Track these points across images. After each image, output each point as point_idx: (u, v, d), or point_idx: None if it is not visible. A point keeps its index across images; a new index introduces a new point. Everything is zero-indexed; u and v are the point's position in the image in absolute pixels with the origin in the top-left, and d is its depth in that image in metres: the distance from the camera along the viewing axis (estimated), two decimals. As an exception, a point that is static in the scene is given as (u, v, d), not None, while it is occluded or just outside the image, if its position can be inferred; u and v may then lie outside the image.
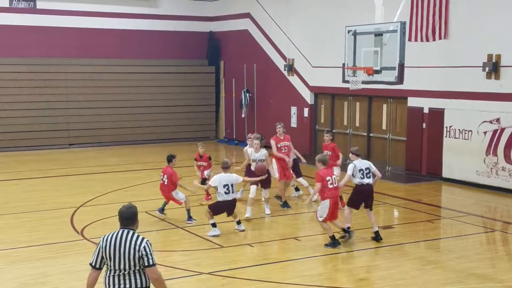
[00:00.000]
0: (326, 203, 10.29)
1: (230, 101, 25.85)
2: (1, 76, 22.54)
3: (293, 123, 22.04)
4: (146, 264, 5.72)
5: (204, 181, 13.84)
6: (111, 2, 24.27)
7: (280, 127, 13.87)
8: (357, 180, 10.82)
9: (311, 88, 21.38)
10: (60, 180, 17.20)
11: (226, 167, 11.33)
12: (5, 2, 22.66)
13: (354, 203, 11.06)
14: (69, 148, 23.63)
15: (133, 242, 5.71)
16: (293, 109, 22.13)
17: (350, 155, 11.12)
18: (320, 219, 10.38)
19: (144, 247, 5.71)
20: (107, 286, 5.80)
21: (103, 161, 20.77)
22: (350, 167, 10.84)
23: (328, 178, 10.29)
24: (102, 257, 5.79)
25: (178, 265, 9.59)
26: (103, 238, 5.83)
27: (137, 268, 5.74)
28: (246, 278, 9.06)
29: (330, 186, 10.29)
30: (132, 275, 5.75)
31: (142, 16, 25.00)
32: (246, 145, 14.05)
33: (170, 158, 12.63)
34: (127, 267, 5.72)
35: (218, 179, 11.18)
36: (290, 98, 22.23)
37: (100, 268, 5.86)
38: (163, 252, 9.99)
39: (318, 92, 21.29)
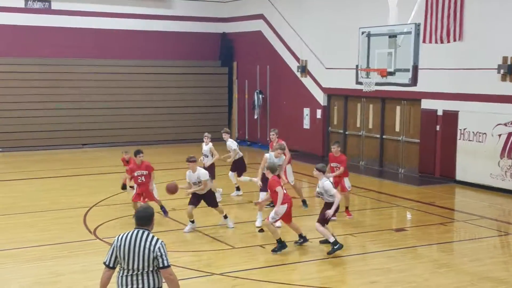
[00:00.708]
0: (284, 207, 10.25)
1: (243, 102, 25.86)
2: (14, 76, 22.70)
3: (306, 124, 21.99)
4: (161, 265, 5.70)
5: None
6: (125, 3, 24.39)
7: (273, 134, 13.59)
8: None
9: (324, 90, 21.33)
10: (73, 179, 17.28)
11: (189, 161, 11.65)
12: (21, 3, 22.84)
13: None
14: (82, 148, 23.74)
15: (148, 243, 5.70)
16: (306, 111, 22.08)
17: (316, 172, 10.43)
18: (272, 220, 10.28)
19: (159, 247, 5.70)
20: (120, 286, 5.79)
21: (116, 161, 20.78)
22: (330, 185, 10.30)
23: (281, 183, 10.37)
24: (116, 257, 5.78)
25: (190, 266, 9.60)
26: (118, 238, 5.83)
27: (151, 268, 5.73)
28: (257, 279, 9.04)
29: (285, 191, 10.33)
30: (145, 275, 5.73)
31: (156, 17, 25.09)
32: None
33: (134, 153, 12.63)
34: (140, 268, 5.71)
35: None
36: (303, 99, 22.19)
37: (114, 268, 5.86)
38: (175, 253, 9.99)
39: (331, 94, 21.23)
